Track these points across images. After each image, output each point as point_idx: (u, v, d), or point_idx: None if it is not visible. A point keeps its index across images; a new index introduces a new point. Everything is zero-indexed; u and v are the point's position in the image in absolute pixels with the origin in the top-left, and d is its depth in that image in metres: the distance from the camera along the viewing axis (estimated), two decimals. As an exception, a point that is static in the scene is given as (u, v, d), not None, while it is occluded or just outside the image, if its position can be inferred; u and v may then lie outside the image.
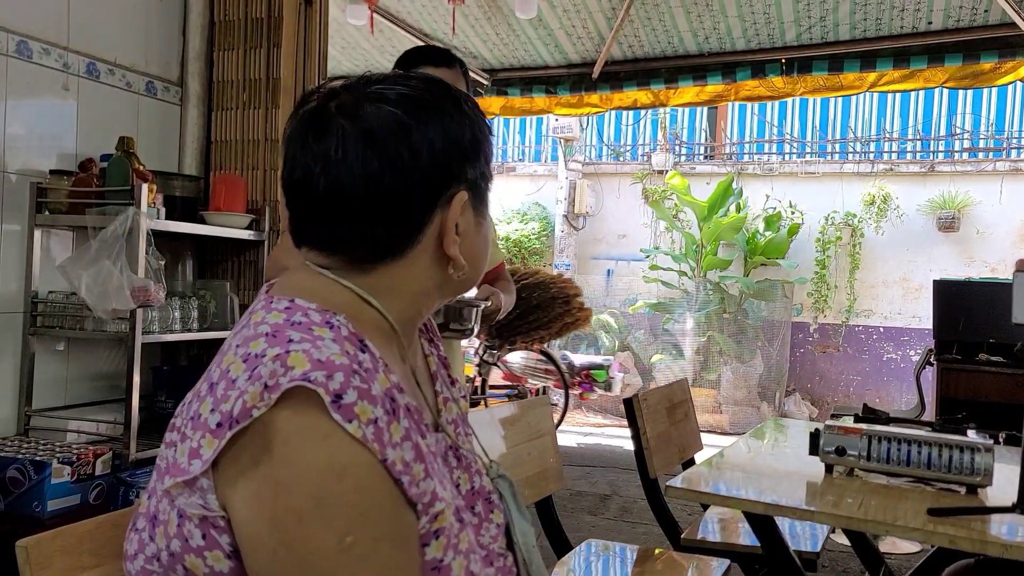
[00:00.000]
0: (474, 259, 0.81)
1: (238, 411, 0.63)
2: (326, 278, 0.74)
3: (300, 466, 0.62)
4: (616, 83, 4.70)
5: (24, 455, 2.17)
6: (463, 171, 0.76)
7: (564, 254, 7.98)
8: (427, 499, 0.68)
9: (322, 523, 0.62)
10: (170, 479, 0.66)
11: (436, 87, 0.77)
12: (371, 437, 0.63)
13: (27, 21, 2.40)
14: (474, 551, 0.73)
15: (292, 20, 2.91)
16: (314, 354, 0.64)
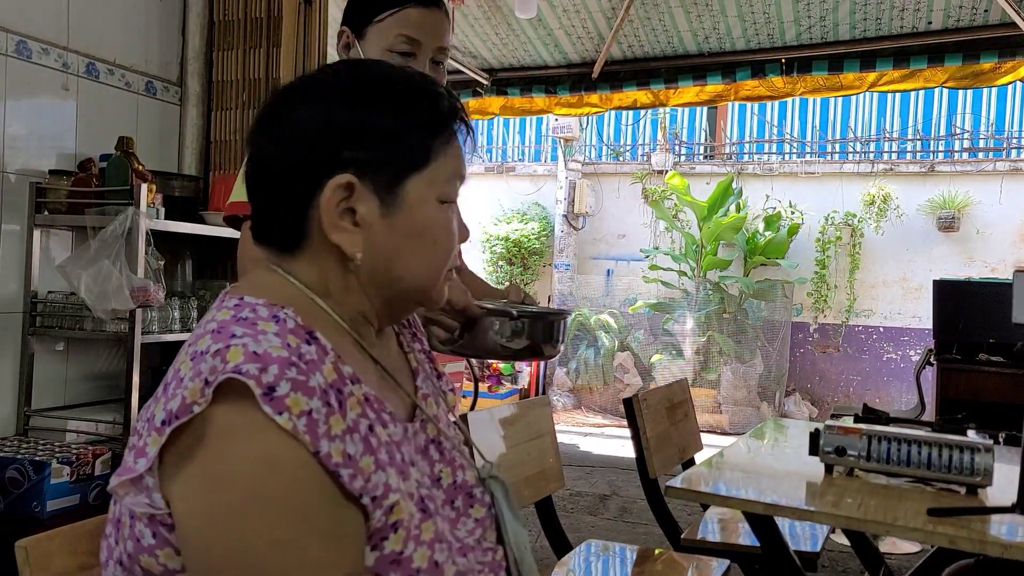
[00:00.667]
0: (391, 257, 0.73)
1: (178, 407, 0.64)
2: (278, 275, 0.75)
3: (233, 460, 0.62)
4: (616, 83, 4.69)
5: (23, 455, 2.17)
6: (344, 154, 0.71)
7: (564, 254, 7.98)
8: (378, 492, 0.67)
9: (253, 518, 0.62)
10: (116, 479, 0.67)
11: (345, 71, 0.76)
12: (303, 429, 0.62)
13: (26, 21, 2.39)
14: (442, 540, 0.72)
15: (292, 20, 2.91)
16: (251, 347, 0.64)
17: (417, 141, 0.74)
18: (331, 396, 0.66)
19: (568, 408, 7.51)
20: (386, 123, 0.73)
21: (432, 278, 0.77)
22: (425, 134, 0.75)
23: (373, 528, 0.67)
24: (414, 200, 0.74)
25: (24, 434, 2.44)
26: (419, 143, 0.74)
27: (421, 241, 0.75)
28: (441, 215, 0.76)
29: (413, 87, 0.76)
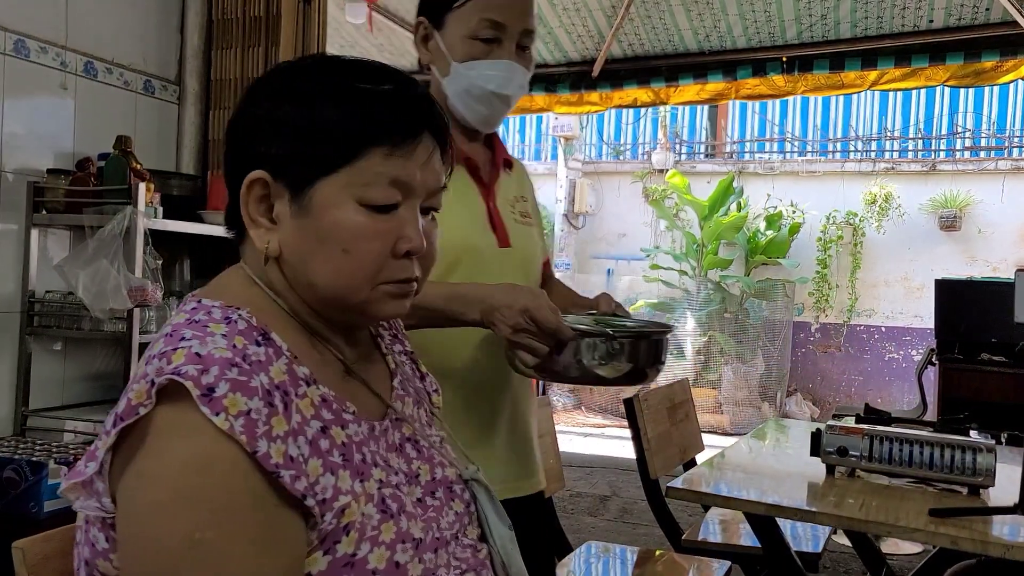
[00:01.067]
0: (303, 260, 0.71)
1: (123, 409, 0.64)
2: (242, 273, 0.76)
3: (165, 459, 0.62)
4: (616, 81, 4.68)
5: (21, 455, 2.16)
6: (259, 149, 0.71)
7: (564, 253, 7.98)
8: (327, 494, 0.66)
9: (176, 516, 0.61)
10: (65, 482, 0.67)
11: (289, 67, 0.75)
12: (239, 429, 0.62)
13: (24, 19, 2.39)
14: (405, 540, 0.71)
15: (290, 18, 2.90)
16: (194, 349, 0.64)
17: (333, 141, 0.70)
18: (275, 397, 0.65)
19: (568, 408, 7.50)
20: (301, 121, 0.70)
21: (347, 288, 0.72)
22: (345, 135, 0.70)
23: (324, 531, 0.66)
24: (322, 203, 0.70)
25: (21, 434, 2.43)
26: (335, 144, 0.70)
27: (327, 247, 0.70)
28: (356, 220, 0.70)
29: (348, 87, 0.71)
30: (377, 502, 0.70)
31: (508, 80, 1.21)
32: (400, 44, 4.82)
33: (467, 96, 1.22)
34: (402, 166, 0.71)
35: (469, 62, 1.21)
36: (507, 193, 1.33)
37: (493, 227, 1.27)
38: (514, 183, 1.36)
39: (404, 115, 0.71)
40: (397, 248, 0.72)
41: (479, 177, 1.28)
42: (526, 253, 1.31)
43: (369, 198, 0.70)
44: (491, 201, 1.28)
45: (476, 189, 1.27)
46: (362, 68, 0.74)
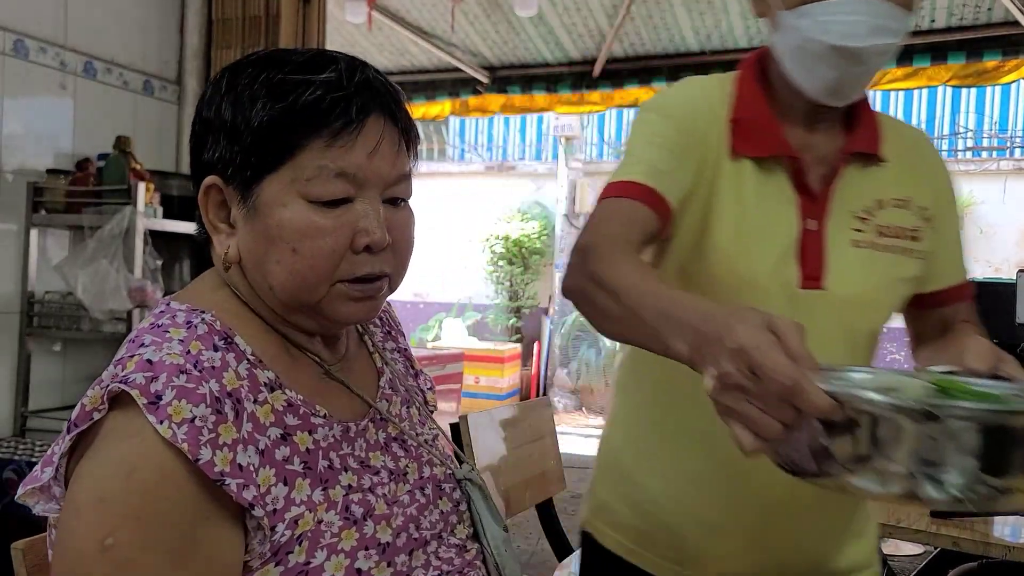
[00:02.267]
0: (258, 263, 0.69)
1: (77, 414, 0.64)
2: (213, 275, 0.75)
3: (98, 461, 0.62)
4: (617, 81, 4.68)
5: (20, 456, 2.16)
6: (204, 156, 0.71)
7: (565, 253, 7.97)
8: (279, 505, 0.65)
9: (92, 519, 0.60)
10: (23, 488, 0.66)
11: (225, 69, 0.73)
12: (182, 437, 0.60)
13: (24, 19, 2.38)
14: (369, 547, 0.69)
15: (290, 18, 2.90)
16: (146, 355, 0.63)
17: (269, 138, 0.67)
18: (225, 404, 0.64)
19: (569, 409, 7.50)
20: (239, 121, 0.68)
21: (298, 287, 0.69)
22: (280, 130, 0.67)
23: (277, 544, 0.65)
24: (268, 202, 0.68)
25: (21, 435, 2.43)
26: (272, 140, 0.67)
27: (277, 248, 0.68)
28: (304, 217, 0.67)
29: (274, 79, 0.68)
30: (340, 509, 0.69)
31: (860, 25, 0.85)
32: (400, 43, 4.81)
33: (800, 56, 0.90)
34: (344, 156, 0.67)
35: (801, 7, 0.87)
36: (857, 199, 0.96)
37: (801, 256, 0.93)
38: (884, 181, 0.98)
39: (340, 103, 0.67)
40: (355, 243, 0.69)
41: (802, 182, 0.94)
42: (854, 295, 0.94)
43: (314, 194, 0.67)
44: (814, 216, 0.94)
45: (794, 199, 0.94)
46: (302, 60, 0.70)
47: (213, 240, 0.72)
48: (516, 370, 7.46)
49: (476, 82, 4.97)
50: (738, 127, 0.96)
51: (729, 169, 0.95)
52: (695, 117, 0.97)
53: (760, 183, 0.95)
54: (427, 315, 8.23)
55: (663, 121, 0.97)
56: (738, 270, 0.93)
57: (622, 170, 0.94)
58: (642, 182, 0.91)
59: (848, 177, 0.96)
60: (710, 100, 0.99)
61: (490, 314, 8.16)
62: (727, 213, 0.94)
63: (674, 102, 1.00)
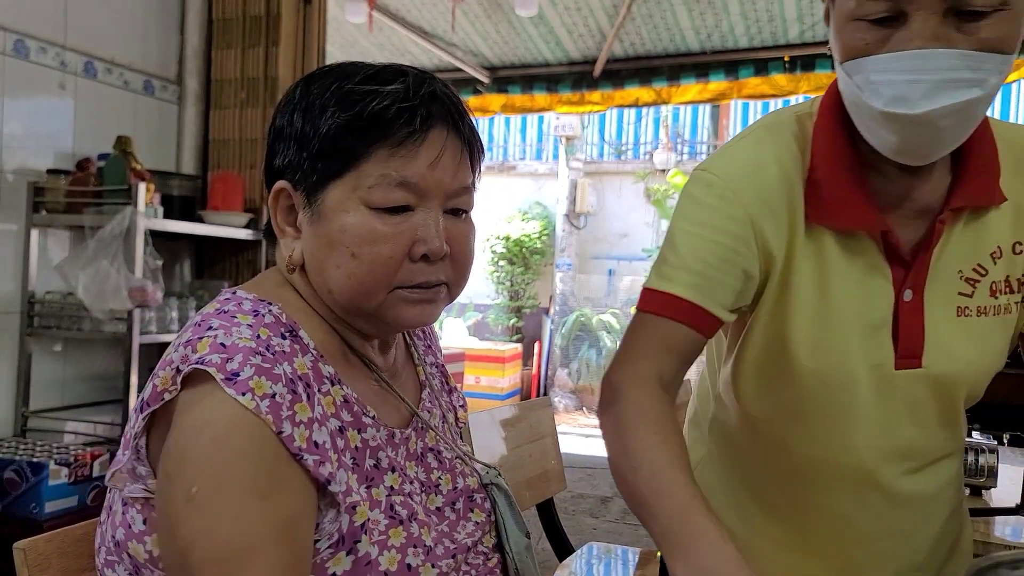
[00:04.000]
0: (320, 267, 0.71)
1: (149, 394, 0.66)
2: (278, 273, 0.77)
3: (175, 433, 0.64)
4: (618, 81, 4.68)
5: (21, 456, 2.16)
6: (276, 161, 0.74)
7: (565, 254, 7.97)
8: (342, 487, 0.67)
9: (177, 479, 0.62)
10: (110, 472, 0.69)
11: (300, 79, 0.76)
12: (265, 410, 0.63)
13: (24, 19, 2.38)
14: (417, 545, 0.71)
15: (291, 18, 2.90)
16: (219, 339, 0.65)
17: (336, 146, 0.69)
18: (298, 386, 0.66)
19: (570, 409, 7.49)
20: (308, 129, 0.71)
21: (356, 291, 0.70)
22: (346, 138, 0.69)
23: (344, 531, 0.67)
24: (331, 207, 0.70)
25: (22, 435, 2.43)
26: (338, 148, 0.69)
27: (337, 252, 0.70)
28: (365, 224, 0.69)
29: (344, 88, 0.71)
30: (385, 508, 0.70)
31: (917, 86, 0.70)
32: (400, 43, 4.81)
33: (858, 114, 0.77)
34: (407, 166, 0.69)
35: (853, 61, 0.74)
36: (966, 255, 0.82)
37: (897, 333, 0.82)
38: (1002, 224, 0.83)
39: (405, 113, 0.69)
40: (413, 251, 0.70)
41: (896, 248, 0.81)
42: (957, 371, 0.84)
43: (375, 201, 0.69)
44: (911, 285, 0.82)
45: (885, 270, 0.82)
46: (372, 71, 0.72)
47: (280, 242, 0.75)
48: (517, 370, 7.46)
49: (477, 82, 4.97)
50: (816, 192, 0.81)
51: (806, 241, 0.82)
52: (763, 194, 0.81)
53: (844, 254, 0.82)
54: (428, 315, 8.22)
55: (720, 204, 0.81)
56: (823, 358, 0.82)
57: (663, 272, 0.83)
58: (685, 297, 0.81)
59: (955, 232, 0.82)
60: (782, 163, 0.82)
61: (491, 314, 8.16)
62: (807, 294, 0.82)
63: (737, 174, 0.82)
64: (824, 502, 0.90)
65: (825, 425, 0.87)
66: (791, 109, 0.88)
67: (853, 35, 0.73)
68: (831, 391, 0.84)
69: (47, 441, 2.35)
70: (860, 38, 0.73)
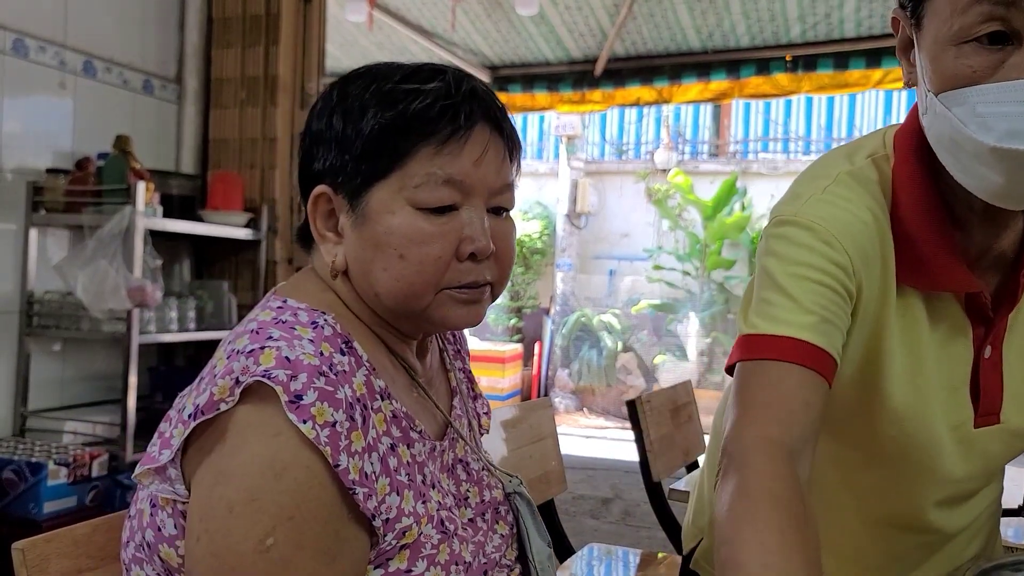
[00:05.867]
0: (365, 270, 0.70)
1: (205, 402, 0.63)
2: (317, 277, 0.75)
3: (244, 458, 0.62)
4: (619, 80, 4.67)
5: (20, 456, 2.15)
6: (315, 166, 0.73)
7: (566, 254, 7.96)
8: (392, 515, 0.66)
9: (248, 519, 0.61)
10: (140, 467, 0.67)
11: (340, 78, 0.75)
12: (324, 440, 0.61)
13: (23, 18, 2.37)
14: (458, 563, 0.71)
15: (290, 17, 2.89)
16: (283, 352, 0.63)
17: (379, 146, 0.69)
18: (356, 411, 0.65)
19: (570, 410, 7.48)
20: (349, 131, 0.70)
21: (405, 293, 0.69)
22: (390, 137, 0.69)
23: (382, 550, 0.66)
24: (376, 209, 0.69)
25: (21, 435, 2.42)
26: (382, 148, 0.69)
27: (384, 254, 0.69)
28: (412, 224, 0.68)
29: (384, 88, 0.70)
30: (436, 523, 0.70)
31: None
32: (400, 42, 4.80)
33: (955, 151, 0.69)
34: (452, 163, 0.69)
35: (952, 92, 0.67)
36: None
37: (976, 393, 0.80)
38: None
39: (448, 111, 0.69)
40: (460, 250, 0.70)
41: (978, 310, 0.78)
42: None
43: (422, 200, 0.68)
44: (991, 342, 0.80)
45: (968, 329, 0.79)
46: (410, 71, 0.72)
47: (320, 248, 0.73)
48: (517, 370, 7.45)
49: (477, 81, 4.95)
50: (908, 251, 0.75)
51: (898, 302, 0.77)
52: (861, 245, 0.74)
53: (931, 314, 0.78)
54: (428, 315, 8.22)
55: (825, 249, 0.74)
56: (908, 423, 0.79)
57: (773, 315, 0.73)
58: (809, 340, 0.71)
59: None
60: (875, 214, 0.76)
61: (491, 314, 8.15)
62: (899, 358, 0.77)
63: (832, 221, 0.75)
64: (882, 547, 0.89)
65: (898, 482, 0.84)
66: (862, 150, 0.81)
67: (958, 61, 0.66)
68: (911, 452, 0.81)
69: (46, 441, 2.35)
70: (967, 65, 0.65)
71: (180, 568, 0.66)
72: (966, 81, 0.66)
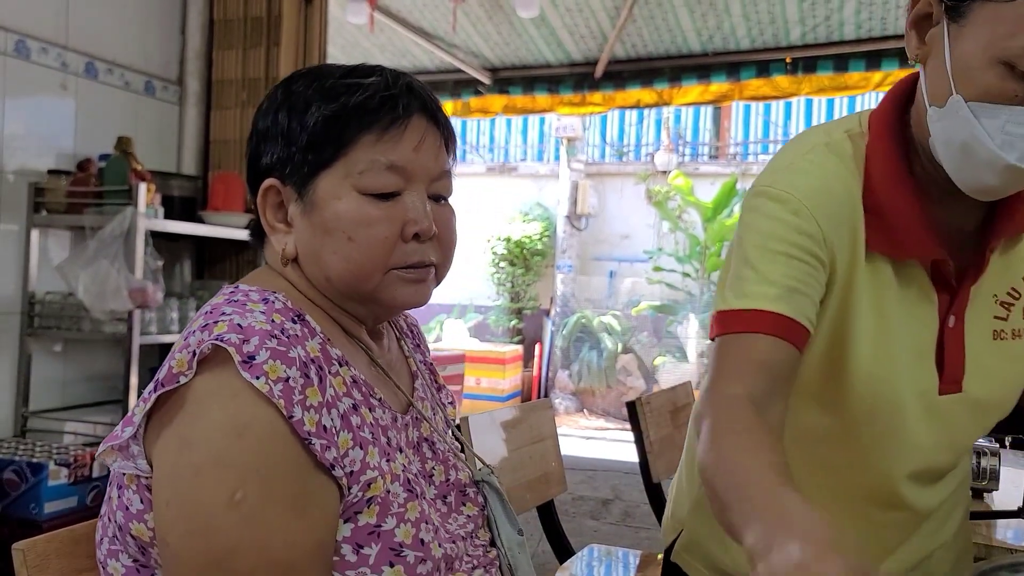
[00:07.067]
0: (315, 255, 0.73)
1: (164, 375, 0.66)
2: (269, 268, 0.79)
3: (205, 423, 0.64)
4: (619, 82, 4.67)
5: (21, 457, 2.16)
6: (263, 161, 0.76)
7: (566, 255, 7.96)
8: (355, 467, 0.68)
9: (215, 478, 0.63)
10: (103, 445, 0.69)
11: (278, 84, 0.79)
12: (278, 394, 0.64)
13: (26, 20, 2.38)
14: (428, 522, 0.73)
15: (292, 19, 2.89)
16: (235, 320, 0.67)
17: (324, 136, 0.73)
18: (311, 369, 0.68)
19: (570, 411, 7.49)
20: (295, 124, 0.74)
21: (354, 274, 0.73)
22: (334, 127, 0.73)
23: (349, 503, 0.68)
24: (324, 196, 0.73)
25: (22, 435, 2.43)
26: (327, 137, 0.73)
27: (334, 238, 0.73)
28: (359, 209, 0.72)
29: (326, 84, 0.74)
30: (404, 483, 0.73)
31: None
32: (401, 44, 4.81)
33: (963, 153, 0.74)
34: (393, 150, 0.73)
35: (986, 104, 0.71)
36: (1002, 280, 0.86)
37: (941, 359, 0.85)
38: (1022, 253, 0.87)
39: (387, 102, 0.73)
40: (405, 232, 0.74)
41: (943, 276, 0.83)
42: (992, 395, 0.88)
43: (367, 185, 0.72)
44: (954, 312, 0.84)
45: (933, 297, 0.84)
46: (348, 68, 0.77)
47: (271, 239, 0.77)
48: (517, 372, 7.46)
49: (478, 83, 4.96)
50: (876, 219, 0.81)
51: (866, 268, 0.82)
52: (832, 213, 0.80)
53: (899, 281, 0.82)
54: (428, 316, 8.22)
55: (796, 220, 0.79)
56: (875, 385, 0.83)
57: (743, 291, 0.79)
58: (773, 310, 0.76)
59: (993, 261, 0.84)
60: (846, 182, 0.81)
61: (491, 315, 8.16)
62: (867, 320, 0.82)
63: (804, 190, 0.80)
64: (860, 526, 0.91)
65: (869, 451, 0.87)
66: (839, 126, 0.87)
67: (1004, 82, 0.70)
68: (879, 417, 0.84)
69: (47, 441, 2.35)
70: (1012, 88, 0.70)
71: (152, 542, 0.67)
72: (1006, 100, 0.70)
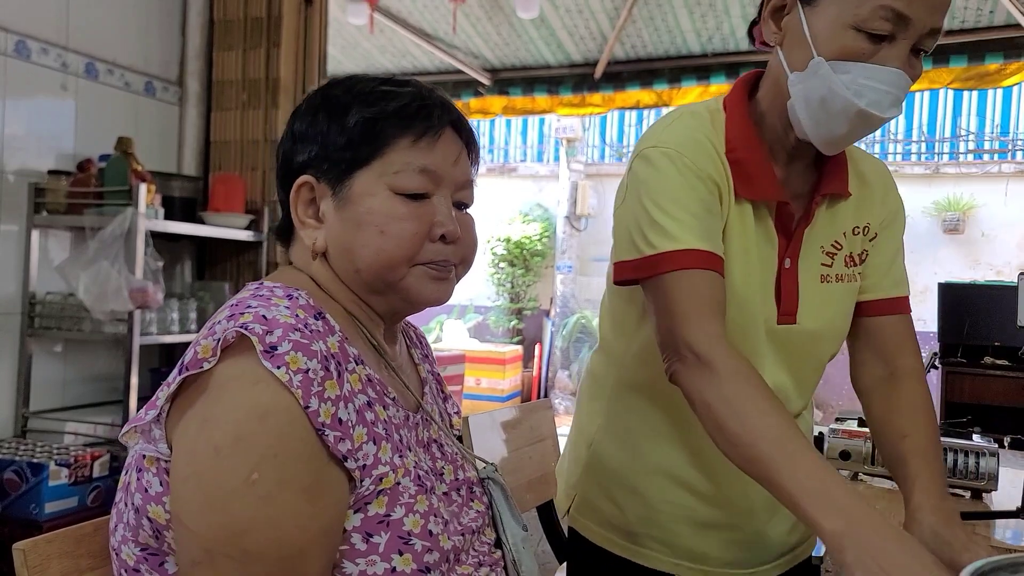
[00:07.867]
0: (347, 248, 0.77)
1: (190, 360, 0.68)
2: (294, 267, 0.83)
3: (227, 405, 0.67)
4: (619, 83, 4.68)
5: (21, 457, 2.16)
6: (299, 158, 0.80)
7: (566, 256, 7.97)
8: (368, 461, 0.71)
9: (235, 458, 0.65)
10: (126, 427, 0.72)
11: (314, 90, 0.83)
12: (296, 384, 0.66)
13: (26, 20, 2.39)
14: (437, 516, 0.76)
15: (292, 20, 2.90)
16: (260, 312, 0.70)
17: (362, 137, 0.77)
18: (331, 364, 0.70)
19: (571, 411, 7.49)
20: (335, 125, 0.78)
21: (384, 265, 0.77)
22: (373, 129, 0.77)
23: (360, 494, 0.71)
24: (359, 193, 0.77)
25: (22, 436, 2.43)
26: (365, 138, 0.77)
27: (365, 230, 0.77)
28: (391, 206, 0.77)
29: (365, 90, 0.80)
30: (414, 478, 0.75)
31: (887, 96, 0.88)
32: (401, 45, 4.82)
33: (821, 106, 0.90)
34: (426, 155, 0.78)
35: (841, 62, 0.88)
36: (826, 234, 1.03)
37: (779, 294, 1.01)
38: (848, 212, 1.06)
39: (423, 110, 0.79)
40: (432, 232, 0.78)
41: (783, 223, 1.00)
42: (820, 328, 1.03)
43: (400, 185, 0.77)
44: (788, 257, 1.01)
45: (775, 240, 1.00)
46: (383, 78, 0.82)
47: (301, 234, 0.80)
48: (517, 372, 7.46)
49: (478, 84, 4.97)
50: (739, 169, 0.97)
51: (735, 211, 0.98)
52: (708, 162, 0.96)
53: (755, 223, 0.99)
54: (428, 316, 8.22)
55: (685, 171, 0.94)
56: (743, 306, 0.98)
57: (667, 233, 0.92)
58: (704, 248, 0.91)
59: (818, 214, 1.03)
60: (711, 137, 0.98)
61: (491, 316, 8.16)
62: (737, 253, 0.97)
63: (686, 143, 0.96)
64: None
65: None
66: (700, 104, 1.04)
67: (856, 42, 0.87)
68: (746, 339, 0.98)
69: (47, 442, 2.36)
70: (860, 47, 0.87)
71: (168, 525, 0.69)
72: (856, 57, 0.88)
